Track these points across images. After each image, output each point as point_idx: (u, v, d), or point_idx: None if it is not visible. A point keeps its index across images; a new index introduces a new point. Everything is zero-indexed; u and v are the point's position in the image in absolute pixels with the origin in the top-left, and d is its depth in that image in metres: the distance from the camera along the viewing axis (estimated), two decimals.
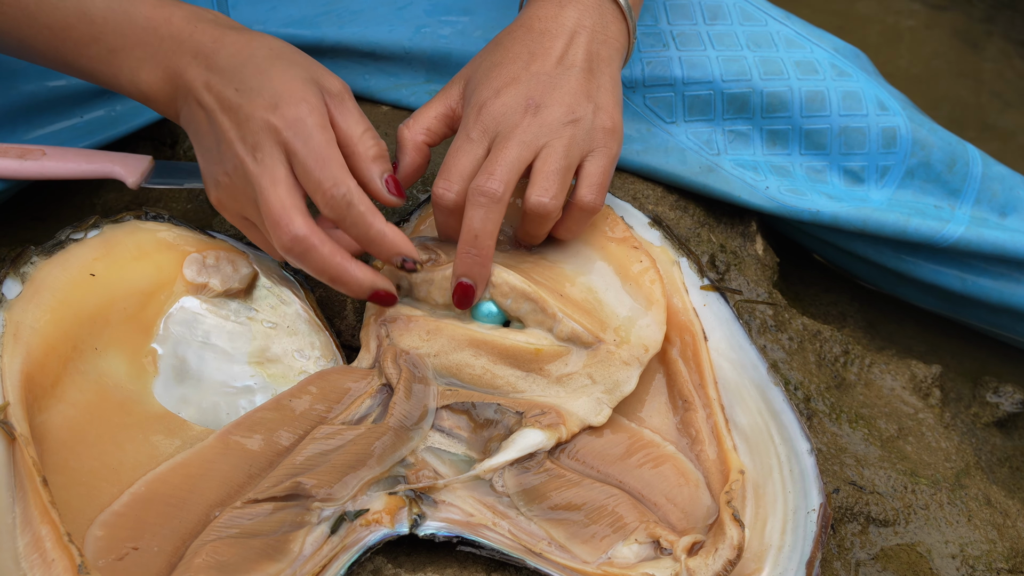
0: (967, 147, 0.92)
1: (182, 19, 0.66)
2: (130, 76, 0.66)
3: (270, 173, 0.62)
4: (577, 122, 0.67)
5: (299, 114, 0.62)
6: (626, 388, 0.67)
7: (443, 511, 0.62)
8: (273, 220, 0.62)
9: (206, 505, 0.59)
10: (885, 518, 0.72)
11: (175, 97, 0.66)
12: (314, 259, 0.63)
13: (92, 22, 0.66)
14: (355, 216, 0.63)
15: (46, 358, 0.62)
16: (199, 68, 0.65)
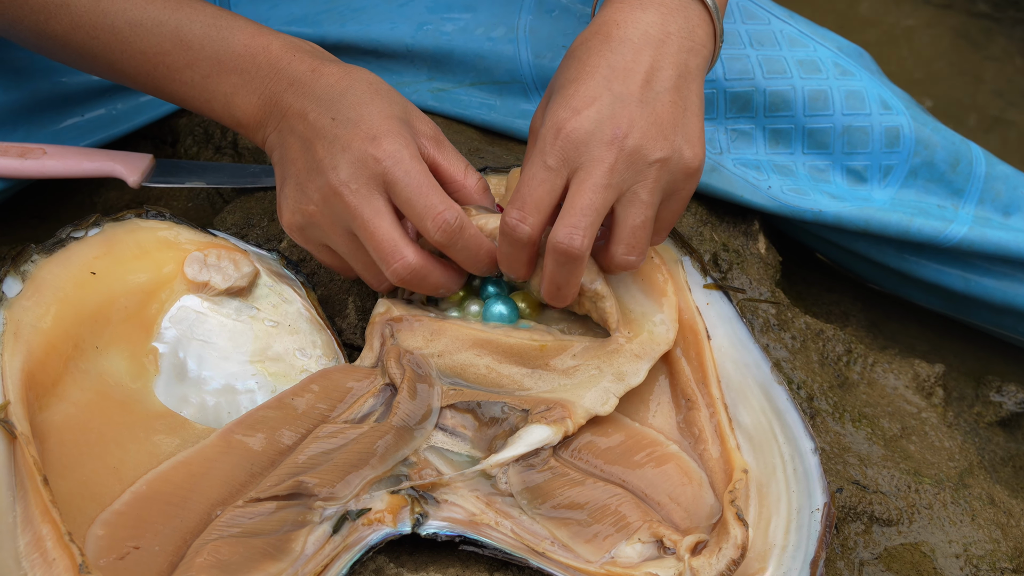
0: (971, 146, 0.91)
1: (280, 48, 0.67)
2: (224, 101, 0.67)
3: (371, 204, 0.63)
4: (665, 162, 0.62)
5: (397, 147, 0.63)
6: (633, 380, 0.66)
7: (445, 510, 0.62)
8: (385, 252, 0.63)
9: (208, 504, 0.59)
10: (889, 518, 0.71)
11: (266, 123, 0.67)
12: (427, 283, 0.65)
13: (188, 48, 0.67)
14: (467, 239, 0.64)
15: (47, 357, 0.61)
16: (296, 96, 0.65)
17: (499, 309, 0.69)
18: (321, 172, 0.63)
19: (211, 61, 0.67)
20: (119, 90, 0.87)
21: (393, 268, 0.63)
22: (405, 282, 0.64)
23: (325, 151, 0.63)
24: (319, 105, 0.64)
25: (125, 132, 0.88)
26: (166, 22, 0.67)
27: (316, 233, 0.66)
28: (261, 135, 0.68)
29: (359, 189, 0.62)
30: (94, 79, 0.85)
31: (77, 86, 0.85)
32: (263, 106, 0.66)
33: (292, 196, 0.65)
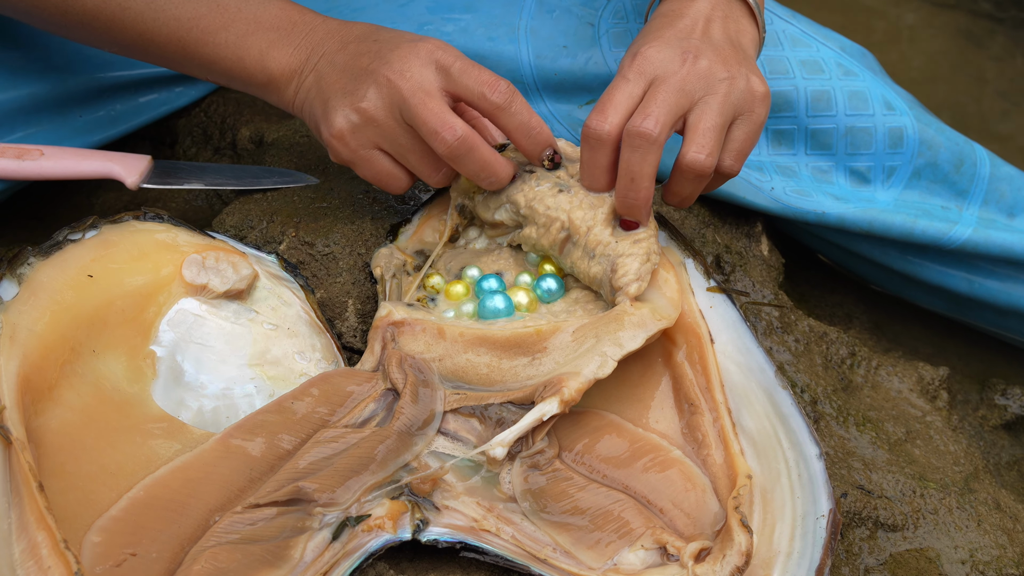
0: (975, 147, 0.91)
1: (312, 14, 0.73)
2: (258, 56, 0.71)
3: (423, 85, 0.67)
4: (733, 80, 0.68)
5: (440, 44, 0.68)
6: (630, 344, 0.65)
7: (446, 516, 0.61)
8: (434, 126, 0.66)
9: (206, 510, 0.58)
10: (894, 523, 0.71)
11: (302, 71, 0.71)
12: (477, 157, 0.68)
13: (225, 10, 0.71)
14: (519, 104, 0.68)
15: (43, 361, 0.61)
16: (332, 40, 0.71)
17: (494, 304, 0.68)
18: (370, 72, 0.68)
19: (247, 21, 0.71)
20: (118, 91, 0.87)
21: (439, 139, 0.66)
22: (454, 152, 0.67)
23: (372, 57, 0.68)
24: (358, 38, 0.70)
25: (124, 133, 0.87)
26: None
27: (368, 132, 0.69)
28: (295, 84, 0.71)
29: (412, 74, 0.67)
30: (92, 80, 0.85)
31: (75, 87, 0.85)
32: (300, 55, 0.71)
33: (341, 103, 0.69)
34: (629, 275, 0.67)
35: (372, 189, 0.83)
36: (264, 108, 0.95)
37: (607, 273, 0.68)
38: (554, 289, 0.71)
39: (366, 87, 0.68)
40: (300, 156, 0.87)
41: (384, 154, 0.70)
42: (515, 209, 0.71)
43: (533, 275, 0.72)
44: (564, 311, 0.70)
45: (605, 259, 0.68)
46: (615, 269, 0.67)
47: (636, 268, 0.67)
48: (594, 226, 0.68)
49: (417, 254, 0.74)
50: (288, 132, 0.90)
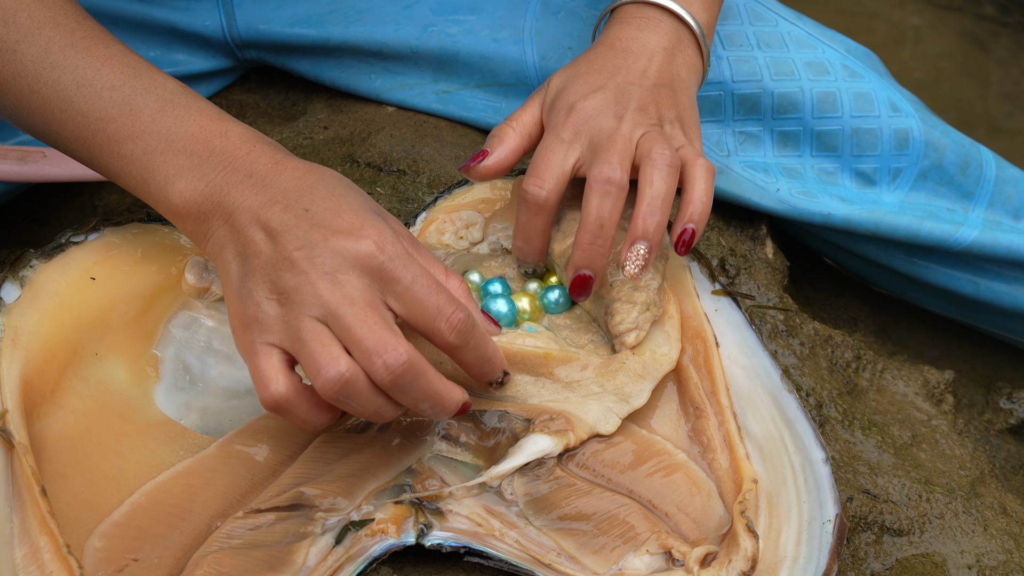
0: (980, 149, 0.90)
1: (239, 137, 0.60)
2: (163, 183, 0.59)
3: (362, 298, 0.55)
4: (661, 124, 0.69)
5: (388, 239, 0.56)
6: (636, 401, 0.65)
7: (450, 521, 0.61)
8: (374, 347, 0.54)
9: (208, 515, 0.58)
10: (900, 527, 0.70)
11: (209, 216, 0.59)
12: (421, 386, 0.56)
13: (137, 118, 0.60)
14: (477, 339, 0.58)
15: (45, 364, 0.60)
16: (254, 189, 0.58)
17: (497, 307, 0.68)
18: (294, 263, 0.55)
19: (159, 136, 0.59)
20: None
21: (379, 364, 0.54)
22: (398, 381, 0.55)
23: (299, 242, 0.56)
24: (286, 197, 0.57)
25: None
26: (119, 87, 0.60)
27: (276, 328, 0.56)
28: (203, 228, 0.59)
29: (348, 281, 0.55)
30: None
31: None
32: (209, 196, 0.58)
33: (256, 288, 0.56)
34: (627, 323, 0.66)
35: (375, 192, 0.83)
36: (267, 111, 0.95)
37: (601, 315, 0.68)
38: (560, 301, 0.70)
39: (288, 278, 0.55)
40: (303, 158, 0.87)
41: (279, 352, 0.56)
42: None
43: (540, 283, 0.72)
44: (568, 328, 0.69)
45: (598, 297, 0.68)
46: (611, 313, 0.67)
47: (634, 317, 0.66)
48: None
49: None
50: (291, 134, 0.90)
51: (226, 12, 0.90)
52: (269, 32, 0.90)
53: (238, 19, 0.91)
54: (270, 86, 0.96)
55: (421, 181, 0.84)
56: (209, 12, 0.90)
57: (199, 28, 0.90)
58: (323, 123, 0.91)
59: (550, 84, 0.71)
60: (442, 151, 0.86)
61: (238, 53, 0.93)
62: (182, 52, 0.91)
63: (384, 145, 0.86)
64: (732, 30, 0.86)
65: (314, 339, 0.55)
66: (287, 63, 0.93)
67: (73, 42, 0.61)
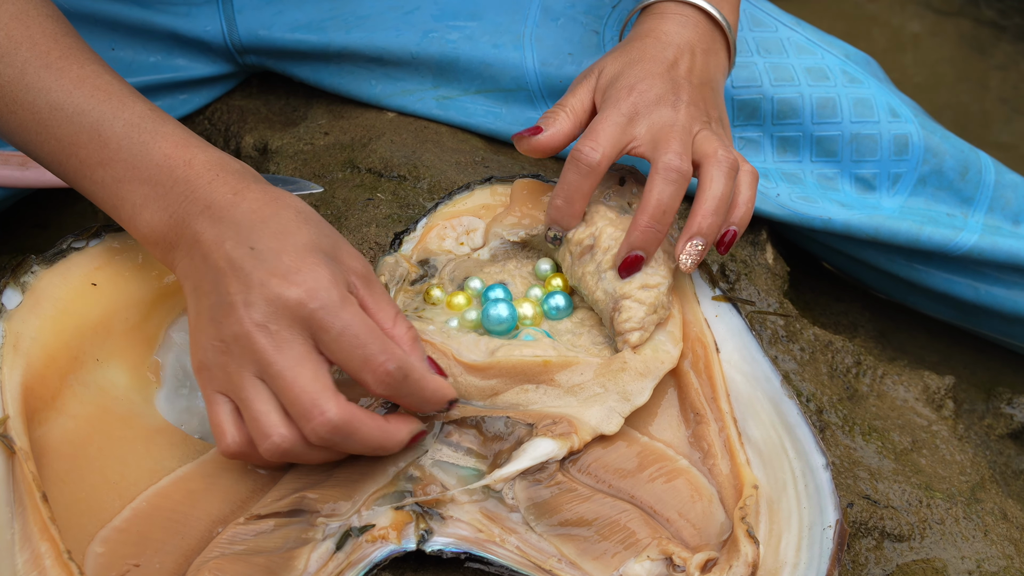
0: (980, 155, 0.91)
1: (204, 164, 0.60)
2: (131, 212, 0.60)
3: (292, 351, 0.55)
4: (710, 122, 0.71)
5: (322, 285, 0.55)
6: (638, 399, 0.65)
7: (451, 526, 0.61)
8: (305, 406, 0.54)
9: (209, 521, 0.58)
10: (900, 533, 0.70)
11: (175, 246, 0.59)
12: (360, 440, 0.57)
13: (105, 145, 0.60)
14: (411, 386, 0.57)
15: (46, 370, 0.60)
16: (210, 222, 0.58)
17: (498, 312, 0.68)
18: (233, 309, 0.55)
19: (125, 164, 0.59)
20: None
21: (310, 425, 0.55)
22: (329, 440, 0.56)
23: (239, 286, 0.56)
24: (237, 233, 0.57)
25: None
26: (88, 112, 0.60)
27: (219, 377, 0.57)
28: (170, 257, 0.60)
29: (279, 331, 0.55)
30: None
31: None
32: (173, 227, 0.59)
33: (202, 332, 0.57)
34: (632, 322, 0.67)
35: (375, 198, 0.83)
36: (268, 116, 0.95)
37: (608, 310, 0.68)
38: (562, 307, 0.70)
39: (227, 325, 0.56)
40: (304, 164, 0.87)
41: (230, 402, 0.57)
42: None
43: (543, 288, 0.72)
44: (570, 332, 0.70)
45: (611, 289, 0.68)
46: (619, 310, 0.67)
47: (640, 317, 0.67)
48: (613, 249, 0.68)
49: (421, 263, 0.74)
50: (292, 140, 0.90)
51: (227, 17, 0.91)
52: (270, 38, 0.90)
53: (239, 24, 0.91)
54: (271, 92, 0.96)
55: (422, 187, 0.84)
56: (210, 17, 0.90)
57: (200, 33, 0.90)
58: (324, 129, 0.91)
59: (603, 70, 0.72)
60: (443, 157, 0.87)
61: (239, 58, 0.93)
62: (183, 57, 0.92)
63: (384, 151, 0.86)
64: None
65: (254, 403, 0.56)
66: (288, 69, 0.93)
67: (48, 63, 0.61)
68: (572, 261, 0.70)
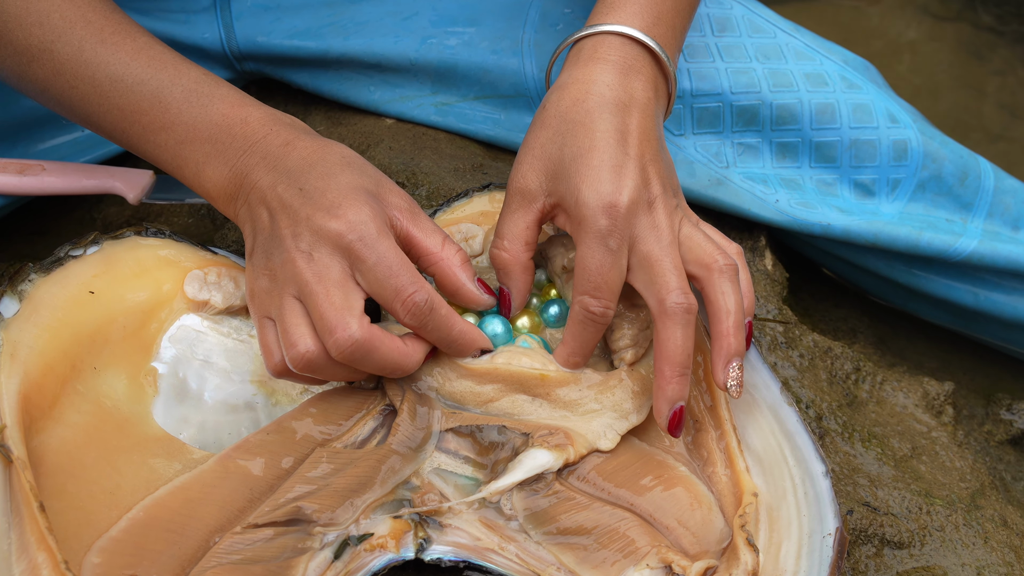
0: (979, 160, 0.91)
1: (258, 120, 0.65)
2: (195, 169, 0.65)
3: (326, 274, 0.60)
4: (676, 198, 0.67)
5: (362, 219, 0.60)
6: (635, 418, 0.65)
7: (450, 535, 0.61)
8: (331, 323, 0.59)
9: (206, 530, 0.58)
10: (900, 540, 0.70)
11: (237, 197, 0.64)
12: (376, 358, 0.60)
13: (167, 110, 0.65)
14: (438, 320, 0.62)
15: (44, 378, 0.60)
16: (267, 170, 0.63)
17: (493, 328, 0.67)
18: (282, 240, 0.61)
19: (186, 127, 0.65)
20: None
21: (332, 339, 0.59)
22: (351, 356, 0.59)
23: (288, 221, 0.61)
24: (288, 178, 0.62)
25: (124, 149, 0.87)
26: (147, 81, 0.65)
27: (266, 301, 0.62)
28: (232, 208, 0.65)
29: (320, 258, 0.60)
30: None
31: None
32: (234, 179, 0.64)
33: (256, 263, 0.63)
34: (625, 339, 0.66)
35: None
36: None
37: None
38: (559, 315, 0.70)
39: (276, 255, 0.61)
40: None
41: (274, 326, 0.62)
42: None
43: (540, 297, 0.72)
44: None
45: None
46: (612, 328, 0.67)
47: (633, 334, 0.67)
48: None
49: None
50: None
51: (225, 24, 0.91)
52: (268, 44, 0.90)
53: (237, 31, 0.91)
54: (269, 98, 0.96)
55: (420, 193, 0.84)
56: (208, 24, 0.90)
57: (198, 40, 0.90)
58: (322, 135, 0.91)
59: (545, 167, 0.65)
60: (441, 163, 0.86)
61: (237, 65, 0.93)
62: None
63: (383, 157, 0.86)
64: (730, 41, 0.86)
65: (288, 317, 0.61)
66: (286, 75, 0.93)
67: (103, 38, 0.65)
68: (562, 284, 0.70)
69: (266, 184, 0.63)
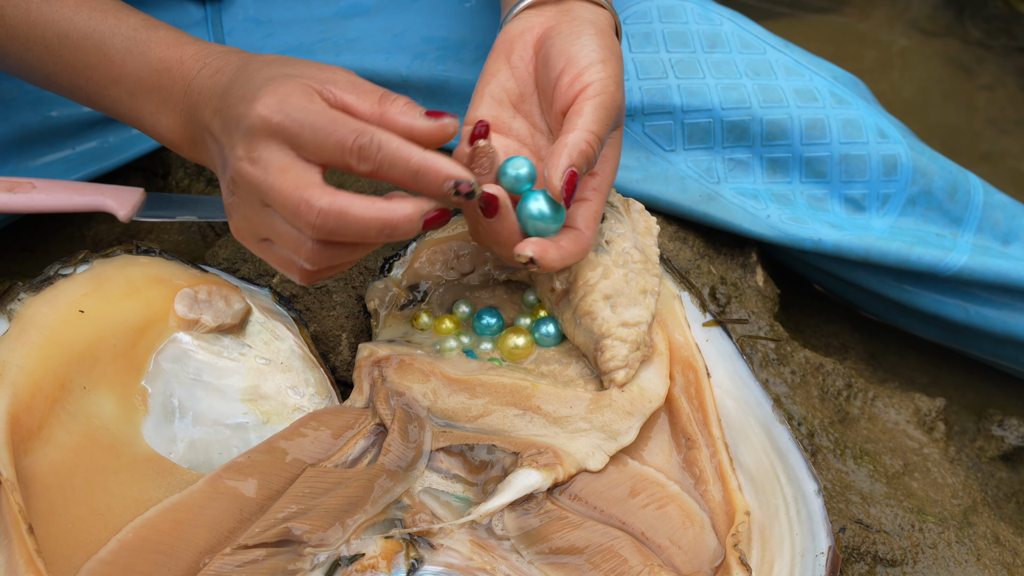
0: (968, 175, 0.91)
1: (192, 57, 0.63)
2: (152, 121, 0.64)
3: (270, 166, 0.56)
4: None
5: (281, 96, 0.56)
6: (624, 439, 0.65)
7: (441, 555, 0.61)
8: (293, 207, 0.56)
9: (196, 552, 0.57)
10: (893, 558, 0.70)
11: (196, 140, 0.63)
12: (352, 223, 0.56)
13: (112, 63, 0.64)
14: (391, 154, 0.56)
15: (33, 399, 0.60)
16: (205, 103, 0.61)
17: (488, 320, 0.67)
18: (227, 161, 0.58)
19: (132, 78, 0.64)
20: (111, 123, 0.86)
21: (302, 219, 0.55)
22: (324, 229, 0.56)
23: (227, 139, 0.58)
24: (221, 99, 0.60)
25: (116, 165, 0.87)
26: (90, 35, 0.64)
27: (246, 227, 0.60)
28: (198, 154, 0.64)
29: (259, 155, 0.56)
30: (84, 111, 0.84)
31: (67, 119, 0.84)
32: (186, 124, 0.63)
33: (224, 198, 0.61)
34: (616, 360, 0.66)
35: None
36: None
37: (591, 350, 0.67)
38: (552, 333, 0.70)
39: (231, 178, 0.59)
40: None
41: (269, 243, 0.61)
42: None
43: (531, 317, 0.71)
44: (557, 360, 0.69)
45: (588, 333, 0.67)
46: (601, 349, 0.66)
47: (624, 355, 0.66)
48: (589, 294, 0.67)
49: (410, 288, 0.73)
50: None
51: (216, 39, 0.91)
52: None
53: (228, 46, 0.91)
54: None
55: None
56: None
57: None
58: None
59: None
60: None
61: None
62: None
63: None
64: (720, 58, 0.87)
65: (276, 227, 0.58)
66: None
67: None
68: (551, 305, 0.70)
69: (208, 117, 0.60)
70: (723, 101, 0.86)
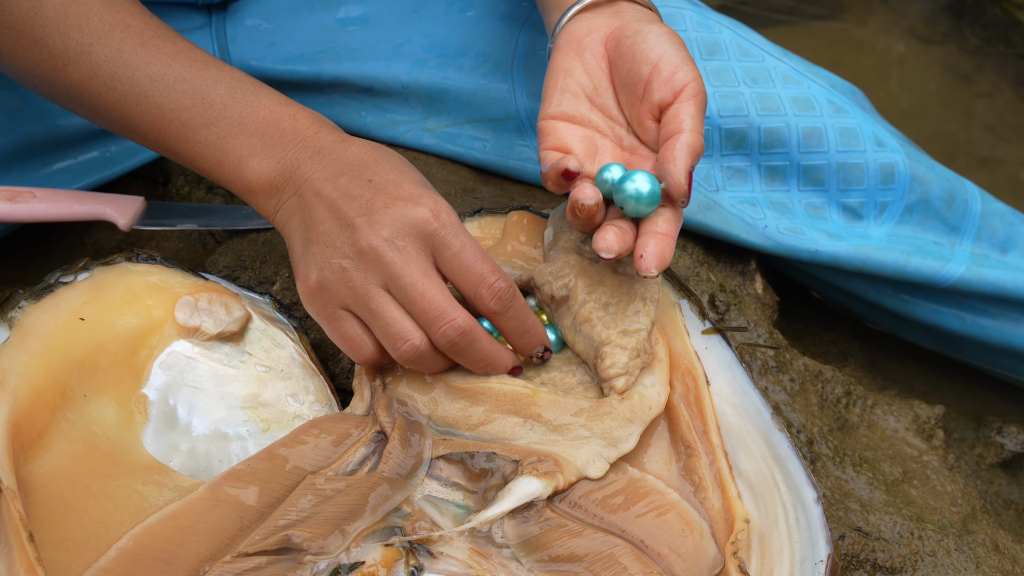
0: (966, 184, 0.91)
1: (307, 119, 0.66)
2: (237, 163, 0.65)
3: (419, 264, 0.60)
4: None
5: (443, 208, 0.61)
6: (624, 446, 0.65)
7: (441, 563, 0.61)
8: (435, 313, 0.60)
9: (196, 560, 0.57)
10: (892, 565, 0.70)
11: (281, 189, 0.64)
12: (478, 349, 0.63)
13: (210, 107, 0.65)
14: (517, 308, 0.63)
15: (33, 406, 0.60)
16: (322, 164, 0.63)
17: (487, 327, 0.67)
18: (356, 229, 0.61)
19: (232, 121, 0.65)
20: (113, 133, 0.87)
21: (439, 329, 0.61)
22: (454, 344, 0.61)
23: (361, 209, 0.61)
24: (352, 170, 0.62)
25: (118, 174, 0.87)
26: (190, 80, 0.65)
27: (341, 292, 0.62)
28: (275, 202, 0.65)
29: (405, 247, 0.60)
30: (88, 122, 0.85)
31: (70, 129, 0.85)
32: (282, 171, 0.64)
33: (319, 254, 0.62)
34: (616, 367, 0.66)
35: None
36: None
37: (591, 357, 0.68)
38: (552, 341, 0.70)
39: (349, 243, 0.61)
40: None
41: (354, 317, 0.63)
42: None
43: None
44: (557, 368, 0.69)
45: (588, 340, 0.67)
46: (601, 357, 0.66)
47: (624, 362, 0.66)
48: (588, 301, 0.67)
49: None
50: None
51: (220, 48, 0.91)
52: (262, 69, 0.91)
53: (231, 56, 0.91)
54: None
55: None
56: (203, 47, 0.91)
57: None
58: None
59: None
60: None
61: None
62: None
63: None
64: (718, 65, 0.87)
65: (387, 311, 0.61)
66: None
67: (143, 41, 0.66)
68: (551, 312, 0.70)
69: (322, 176, 0.62)
70: (721, 109, 0.86)
